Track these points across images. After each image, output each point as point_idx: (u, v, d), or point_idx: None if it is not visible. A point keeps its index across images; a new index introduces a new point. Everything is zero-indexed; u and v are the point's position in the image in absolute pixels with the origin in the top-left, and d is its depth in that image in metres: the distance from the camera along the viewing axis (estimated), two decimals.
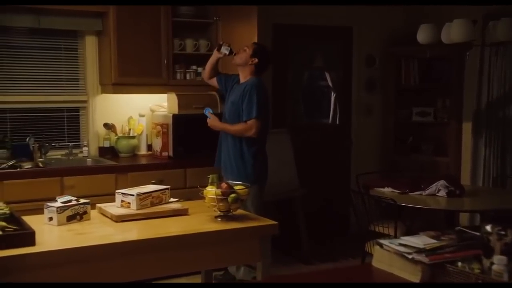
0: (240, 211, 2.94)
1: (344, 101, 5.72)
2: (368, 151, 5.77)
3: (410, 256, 1.87)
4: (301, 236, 4.87)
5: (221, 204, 2.79)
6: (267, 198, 4.05)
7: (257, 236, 2.79)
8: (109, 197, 3.11)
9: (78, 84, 4.58)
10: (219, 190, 2.79)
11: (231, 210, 2.84)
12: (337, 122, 5.73)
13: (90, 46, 4.53)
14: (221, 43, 4.05)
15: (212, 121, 3.94)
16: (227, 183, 2.89)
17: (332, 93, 5.71)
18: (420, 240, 1.94)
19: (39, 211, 2.76)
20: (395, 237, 3.68)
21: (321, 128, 5.75)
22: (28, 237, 2.32)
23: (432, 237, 1.98)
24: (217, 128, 3.93)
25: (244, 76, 3.90)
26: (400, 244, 1.94)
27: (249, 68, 3.87)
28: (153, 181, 3.89)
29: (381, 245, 1.99)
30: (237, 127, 3.81)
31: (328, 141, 5.66)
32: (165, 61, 4.44)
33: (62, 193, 3.74)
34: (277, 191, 4.54)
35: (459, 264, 1.80)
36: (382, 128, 5.82)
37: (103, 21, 4.39)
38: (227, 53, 3.95)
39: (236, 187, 2.87)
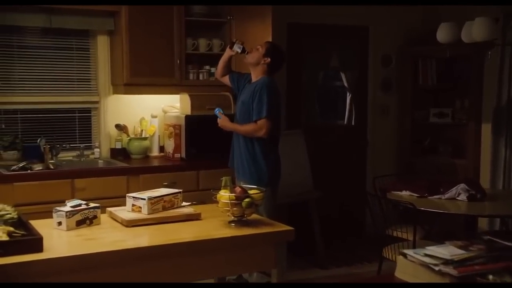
0: (254, 216, 2.85)
1: (360, 102, 5.61)
2: (384, 153, 5.66)
3: (436, 268, 1.76)
4: (316, 240, 4.77)
5: (235, 209, 2.70)
6: (280, 201, 3.96)
7: (272, 242, 2.70)
8: (121, 199, 3.04)
9: (89, 84, 4.53)
10: (233, 194, 2.70)
11: (245, 215, 2.75)
12: (353, 123, 5.63)
13: (102, 46, 4.47)
14: (234, 40, 3.98)
15: (222, 121, 3.85)
16: (241, 187, 2.80)
17: (348, 94, 5.61)
18: (447, 251, 1.83)
19: (50, 214, 2.68)
20: (414, 241, 3.60)
21: (336, 129, 5.67)
22: (36, 243, 2.25)
23: (460, 247, 1.86)
24: (227, 128, 3.85)
25: (255, 75, 3.82)
26: (426, 255, 1.83)
27: (261, 67, 3.79)
28: (165, 183, 3.83)
29: (405, 255, 1.88)
30: (247, 127, 3.72)
31: (343, 142, 5.56)
32: (178, 61, 4.37)
33: (73, 195, 3.70)
34: (291, 194, 4.45)
35: (490, 277, 1.69)
36: (398, 129, 5.71)
37: (115, 20, 4.33)
38: (239, 51, 3.87)
39: (251, 191, 2.78)
